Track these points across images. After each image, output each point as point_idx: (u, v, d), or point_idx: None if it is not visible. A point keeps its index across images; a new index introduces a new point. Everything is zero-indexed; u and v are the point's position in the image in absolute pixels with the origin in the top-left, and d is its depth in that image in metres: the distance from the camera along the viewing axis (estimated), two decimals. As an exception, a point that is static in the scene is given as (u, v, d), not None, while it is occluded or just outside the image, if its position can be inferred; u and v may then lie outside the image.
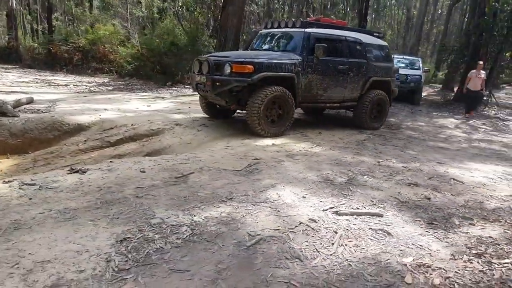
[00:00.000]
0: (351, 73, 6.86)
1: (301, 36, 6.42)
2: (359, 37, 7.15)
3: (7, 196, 3.03)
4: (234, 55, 6.16)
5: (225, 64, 5.70)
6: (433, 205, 3.47)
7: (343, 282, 2.13)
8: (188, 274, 2.13)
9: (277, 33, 7.04)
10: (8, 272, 2.02)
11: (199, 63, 6.16)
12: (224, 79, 5.66)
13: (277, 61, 5.95)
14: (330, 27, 6.88)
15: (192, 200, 3.19)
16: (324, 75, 6.49)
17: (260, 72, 5.68)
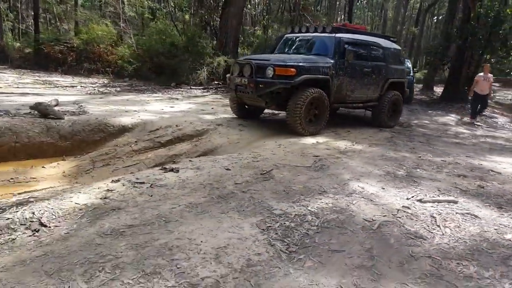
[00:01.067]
0: (373, 75, 7.36)
1: (332, 41, 6.80)
2: (378, 42, 7.67)
3: (128, 194, 3.26)
4: (273, 58, 6.39)
5: (267, 67, 5.98)
6: (490, 193, 3.98)
7: (471, 254, 2.57)
8: (346, 253, 2.49)
9: (306, 37, 7.37)
10: (199, 257, 2.30)
11: (239, 66, 6.41)
12: (268, 81, 5.95)
13: (315, 64, 6.33)
14: (354, 32, 7.34)
15: (292, 193, 3.53)
16: (352, 77, 6.93)
17: (302, 75, 6.02)
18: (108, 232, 2.57)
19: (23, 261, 2.19)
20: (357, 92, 7.18)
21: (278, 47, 7.91)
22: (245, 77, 6.17)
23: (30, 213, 2.74)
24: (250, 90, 6.13)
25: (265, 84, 5.97)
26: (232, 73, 6.60)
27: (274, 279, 2.13)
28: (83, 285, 1.97)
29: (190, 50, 13.82)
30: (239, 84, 6.32)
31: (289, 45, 7.58)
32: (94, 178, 4.88)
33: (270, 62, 6.09)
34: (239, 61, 6.58)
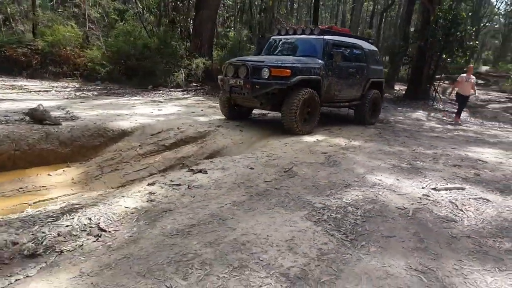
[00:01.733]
0: (357, 75, 7.73)
1: (320, 42, 7.04)
2: (360, 43, 8.10)
3: (171, 196, 3.31)
4: (267, 59, 6.46)
5: (263, 68, 6.08)
6: (487, 180, 4.44)
7: (500, 232, 2.92)
8: (397, 238, 2.74)
9: (294, 39, 7.54)
10: (274, 250, 2.45)
11: (234, 67, 6.44)
12: (265, 82, 6.03)
13: (308, 65, 6.51)
14: (339, 34, 7.70)
15: (321, 188, 3.75)
16: (339, 77, 7.22)
17: (296, 76, 6.18)
18: (173, 232, 2.64)
19: (107, 265, 2.22)
20: (343, 91, 7.50)
21: (264, 49, 8.02)
22: (241, 79, 6.23)
23: (87, 219, 2.73)
24: (246, 91, 6.19)
25: (261, 85, 6.06)
26: (226, 74, 6.58)
27: (351, 264, 2.33)
28: (182, 282, 2.06)
29: (163, 52, 13.65)
30: (234, 85, 6.35)
31: (277, 47, 7.72)
32: (106, 184, 4.82)
33: (265, 63, 6.17)
34: (233, 63, 6.57)
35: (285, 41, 7.71)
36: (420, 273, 2.25)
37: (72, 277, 2.09)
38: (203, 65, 12.33)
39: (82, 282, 2.04)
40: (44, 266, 2.23)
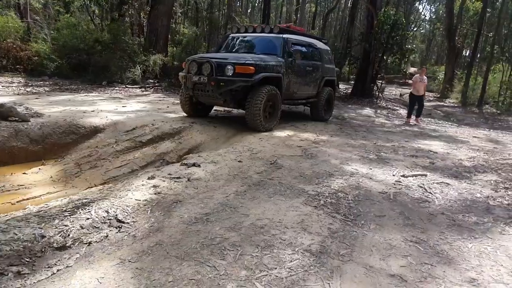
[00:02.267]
0: (313, 74, 8.08)
1: (280, 41, 7.20)
2: (315, 43, 8.56)
3: (175, 188, 3.45)
4: (231, 56, 6.51)
5: (227, 65, 6.10)
6: (441, 167, 5.11)
7: (465, 208, 3.47)
8: (388, 217, 3.17)
9: (254, 37, 7.65)
10: (291, 231, 2.74)
11: (197, 64, 6.34)
12: (230, 79, 6.06)
13: (270, 63, 6.59)
14: (297, 33, 8.01)
15: (308, 177, 4.10)
16: (298, 75, 7.44)
17: (260, 73, 6.24)
18: (193, 220, 2.81)
19: (143, 252, 2.35)
20: (301, 89, 7.74)
21: (224, 46, 8.01)
22: (205, 76, 6.18)
23: (104, 212, 2.80)
24: (211, 88, 6.18)
25: (226, 82, 6.07)
26: (189, 71, 6.47)
27: (359, 239, 2.69)
28: (221, 262, 2.26)
29: (115, 47, 13.23)
30: (198, 82, 6.30)
31: (236, 44, 7.77)
32: (88, 181, 4.74)
33: (229, 60, 6.21)
34: (196, 59, 6.46)
35: (245, 38, 7.81)
36: (415, 243, 2.68)
37: (115, 264, 2.20)
38: (160, 62, 12.17)
39: (127, 268, 2.16)
40: (79, 256, 2.30)
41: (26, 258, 2.20)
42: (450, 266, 2.39)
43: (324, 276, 2.17)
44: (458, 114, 15.95)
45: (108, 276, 2.08)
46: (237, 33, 8.07)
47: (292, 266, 2.25)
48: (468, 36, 30.44)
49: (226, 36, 8.66)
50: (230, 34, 8.48)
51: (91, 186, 4.59)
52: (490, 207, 3.53)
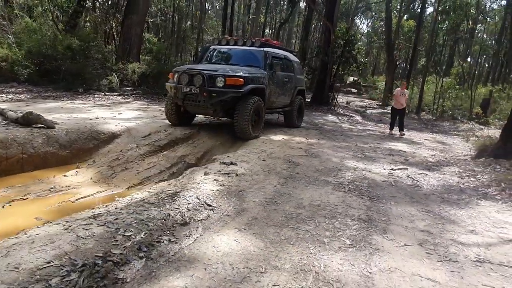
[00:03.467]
0: (288, 84, 8.67)
1: (261, 54, 7.74)
2: (288, 55, 9.39)
3: (232, 181, 4.23)
4: (220, 68, 6.87)
5: (218, 77, 6.49)
6: (415, 162, 6.39)
7: (446, 190, 4.68)
8: (398, 197, 4.24)
9: (236, 50, 8.09)
10: (342, 208, 3.69)
11: (189, 76, 6.64)
12: (221, 91, 6.46)
13: (256, 75, 7.10)
14: (274, 47, 8.73)
15: (325, 171, 5.09)
16: (277, 86, 8.01)
17: (248, 84, 6.72)
18: (265, 203, 3.64)
19: (249, 223, 3.15)
20: (279, 99, 8.30)
21: (205, 57, 8.36)
22: (196, 87, 6.50)
23: (196, 198, 3.53)
24: (203, 99, 6.52)
25: (217, 93, 6.45)
26: (179, 82, 6.72)
27: (389, 211, 3.71)
28: (308, 227, 3.14)
29: (88, 54, 13.30)
30: (189, 93, 6.60)
31: (218, 56, 8.18)
32: (126, 181, 5.28)
33: (219, 72, 6.60)
34: (188, 71, 6.72)
35: (228, 51, 8.22)
36: (426, 212, 3.76)
37: (236, 231, 2.98)
38: (138, 70, 12.52)
39: (246, 233, 2.96)
40: (202, 229, 3.03)
41: (166, 231, 2.90)
42: (454, 224, 3.49)
43: (380, 232, 3.15)
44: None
45: (238, 237, 2.86)
46: (219, 45, 8.48)
47: (356, 228, 3.20)
48: (401, 50, 33.83)
49: (207, 48, 9.01)
50: (210, 45, 8.94)
51: (131, 185, 5.17)
52: (463, 189, 4.78)
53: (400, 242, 2.98)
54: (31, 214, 4.00)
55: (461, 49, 37.06)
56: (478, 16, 29.82)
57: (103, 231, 2.60)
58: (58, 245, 2.33)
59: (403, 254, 2.78)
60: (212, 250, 2.64)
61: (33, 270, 2.05)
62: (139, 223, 2.82)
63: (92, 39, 14.05)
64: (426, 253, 2.83)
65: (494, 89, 21.89)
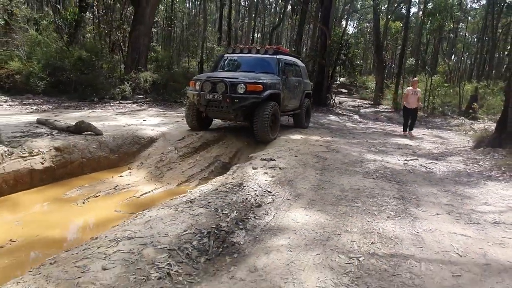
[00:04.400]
0: (298, 88, 9.14)
1: (275, 61, 8.21)
2: (296, 61, 10.07)
3: (278, 173, 4.94)
4: (240, 76, 7.28)
5: (239, 84, 6.91)
6: (422, 154, 7.20)
7: (456, 175, 5.49)
8: (418, 181, 5.02)
9: (250, 57, 8.48)
10: (379, 189, 4.44)
11: (211, 84, 7.07)
12: (243, 97, 6.87)
13: (273, 81, 7.52)
14: (284, 54, 9.21)
15: (350, 163, 5.84)
16: (289, 91, 8.43)
17: (267, 90, 7.13)
18: (314, 189, 4.38)
19: (309, 204, 3.87)
20: (291, 102, 8.76)
21: (220, 65, 8.79)
22: (219, 94, 6.91)
23: (258, 187, 4.23)
24: (225, 105, 6.96)
25: (239, 99, 6.86)
26: (202, 89, 7.12)
27: (415, 191, 4.49)
28: (358, 204, 3.88)
29: (97, 65, 13.87)
30: (212, 100, 7.03)
31: (234, 64, 8.61)
32: (175, 178, 5.95)
33: (240, 79, 6.99)
34: (210, 79, 7.13)
35: (241, 58, 8.62)
36: (445, 191, 4.55)
37: (303, 209, 3.70)
38: (150, 79, 13.14)
39: (312, 210, 3.68)
40: (273, 209, 3.75)
41: (248, 210, 3.60)
42: (470, 199, 4.29)
43: (414, 206, 3.92)
44: (397, 118, 18.98)
45: (307, 213, 3.58)
46: (233, 53, 8.88)
47: (395, 204, 3.96)
48: (389, 50, 35.07)
49: (221, 56, 9.46)
50: (225, 54, 9.30)
51: (179, 182, 5.85)
52: (470, 173, 5.61)
53: (432, 212, 3.75)
54: (109, 207, 4.66)
55: (445, 48, 38.53)
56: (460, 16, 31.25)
57: (206, 211, 3.29)
58: (182, 220, 3.02)
59: (437, 220, 3.54)
60: (292, 222, 3.36)
61: (178, 235, 2.74)
62: (227, 205, 3.52)
63: (100, 50, 14.63)
64: (454, 219, 3.60)
65: (479, 85, 23.10)
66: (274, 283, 2.28)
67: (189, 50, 18.41)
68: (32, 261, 3.37)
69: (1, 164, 4.62)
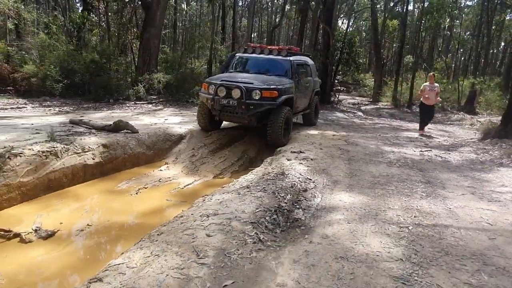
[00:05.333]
0: (308, 88, 9.07)
1: (288, 63, 8.11)
2: (307, 60, 9.71)
3: (311, 164, 5.42)
4: (255, 80, 7.06)
5: (254, 90, 6.78)
6: (434, 146, 7.72)
7: (470, 163, 6.01)
8: (438, 169, 5.53)
9: (263, 59, 8.36)
10: (403, 176, 4.94)
11: (226, 89, 6.87)
12: (258, 103, 6.78)
13: (286, 86, 7.39)
14: (296, 54, 8.96)
15: (372, 154, 6.34)
16: (300, 92, 8.28)
17: (282, 96, 7.02)
18: (348, 176, 4.87)
19: (348, 188, 4.36)
20: (302, 103, 8.67)
21: (232, 65, 8.69)
22: (234, 99, 6.77)
23: (299, 175, 4.71)
24: (241, 111, 6.83)
25: (255, 105, 6.77)
26: (217, 94, 6.92)
27: (437, 176, 4.99)
28: (391, 187, 4.38)
29: (109, 67, 14.26)
30: (227, 105, 6.87)
31: (246, 64, 8.49)
32: (209, 171, 6.42)
33: (255, 85, 6.85)
34: (225, 84, 6.93)
35: (254, 60, 8.45)
36: (464, 176, 5.07)
37: (345, 192, 4.19)
38: (164, 79, 13.56)
39: (353, 192, 4.17)
40: (319, 192, 4.23)
41: (298, 194, 4.08)
42: (488, 182, 4.80)
43: (441, 188, 4.42)
44: (398, 114, 19.58)
45: (350, 195, 4.07)
46: (245, 53, 8.70)
47: (423, 187, 4.46)
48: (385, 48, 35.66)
49: (233, 55, 9.17)
50: (236, 53, 9.11)
51: (215, 175, 6.33)
52: (482, 161, 6.14)
53: (458, 193, 4.26)
54: (160, 197, 5.13)
55: (440, 45, 39.25)
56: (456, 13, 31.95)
57: (265, 194, 3.77)
58: (250, 201, 3.50)
59: (464, 199, 4.05)
60: (340, 202, 3.84)
61: (252, 212, 3.22)
62: (280, 189, 4.00)
63: (112, 53, 15.03)
64: (478, 198, 4.11)
65: (476, 81, 23.78)
66: (347, 245, 2.76)
67: (194, 51, 18.84)
68: (115, 240, 3.83)
69: (61, 159, 5.06)
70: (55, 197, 4.77)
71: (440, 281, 2.28)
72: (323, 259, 2.52)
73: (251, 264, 2.38)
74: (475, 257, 2.65)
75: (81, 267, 3.27)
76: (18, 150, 4.59)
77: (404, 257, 2.59)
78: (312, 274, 2.31)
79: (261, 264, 2.41)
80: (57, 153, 5.03)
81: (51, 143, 5.18)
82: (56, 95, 13.09)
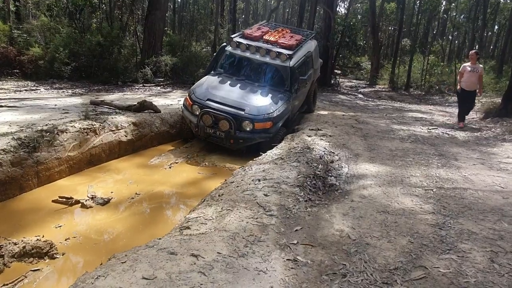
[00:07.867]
0: (307, 83, 8.00)
1: (287, 71, 6.85)
2: (309, 46, 8.05)
3: (331, 140, 5.83)
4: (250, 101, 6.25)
5: (245, 120, 6.00)
6: (440, 125, 8.16)
7: (476, 139, 6.47)
8: (447, 144, 5.98)
9: (258, 62, 7.06)
10: (418, 149, 5.39)
11: (212, 118, 6.01)
12: (249, 137, 6.01)
13: (283, 110, 6.42)
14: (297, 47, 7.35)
15: (383, 132, 6.77)
16: (298, 95, 7.32)
17: (276, 124, 6.27)
18: (367, 150, 5.29)
19: (371, 159, 4.78)
20: (297, 104, 7.59)
21: (221, 63, 7.44)
22: (222, 131, 5.98)
23: (323, 148, 5.12)
24: (228, 144, 6.11)
25: (245, 139, 6.03)
26: (202, 121, 6.09)
27: (448, 150, 5.45)
28: (409, 159, 4.81)
29: (114, 50, 14.40)
30: (214, 135, 6.09)
31: (236, 66, 7.23)
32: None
33: (246, 113, 6.05)
34: (211, 112, 6.04)
35: (247, 61, 7.19)
36: (473, 150, 5.52)
37: (369, 163, 4.61)
38: (170, 62, 13.77)
39: (375, 163, 4.59)
40: (345, 163, 4.64)
41: (327, 164, 4.49)
42: (495, 155, 5.27)
43: (454, 160, 4.88)
44: (397, 97, 20.03)
45: (374, 165, 4.50)
46: (236, 49, 7.16)
47: (437, 159, 4.91)
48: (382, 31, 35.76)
49: (222, 50, 7.62)
50: (226, 47, 7.44)
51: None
52: (486, 138, 6.61)
53: (470, 164, 4.72)
54: (191, 171, 5.52)
55: (435, 28, 39.51)
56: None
57: (300, 164, 4.18)
58: (289, 169, 3.91)
59: (475, 168, 4.51)
60: (367, 171, 4.27)
61: (295, 178, 3.63)
62: (312, 160, 4.42)
63: (116, 35, 15.12)
64: (488, 167, 4.57)
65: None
66: (384, 202, 3.20)
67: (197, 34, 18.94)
68: (164, 206, 4.24)
69: (99, 136, 5.40)
70: (97, 170, 5.13)
71: (470, 227, 2.73)
72: (368, 212, 2.95)
73: (309, 216, 2.80)
74: (494, 211, 3.10)
75: (143, 227, 3.67)
76: (63, 127, 4.92)
77: (435, 211, 3.04)
78: (362, 223, 2.74)
79: (317, 216, 2.84)
80: (96, 130, 5.37)
81: (87, 121, 5.51)
82: (64, 77, 13.27)
